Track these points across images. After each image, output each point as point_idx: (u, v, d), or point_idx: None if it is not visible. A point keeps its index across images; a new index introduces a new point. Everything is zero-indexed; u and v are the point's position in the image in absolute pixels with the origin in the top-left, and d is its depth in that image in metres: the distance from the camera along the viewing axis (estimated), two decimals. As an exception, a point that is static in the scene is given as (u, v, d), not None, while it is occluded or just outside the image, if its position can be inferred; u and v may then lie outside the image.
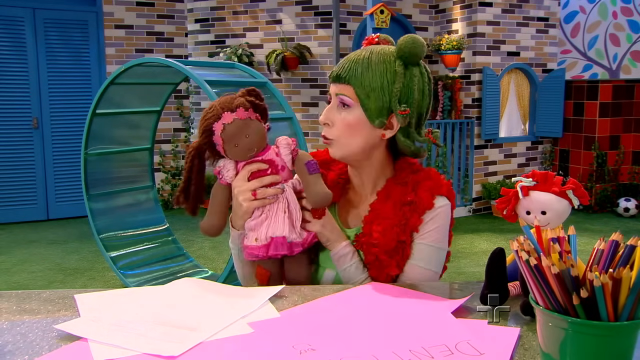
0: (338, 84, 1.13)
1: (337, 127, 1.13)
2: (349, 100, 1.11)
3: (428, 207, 1.11)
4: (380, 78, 1.11)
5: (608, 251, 0.65)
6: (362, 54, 1.13)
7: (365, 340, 0.80)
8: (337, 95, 1.13)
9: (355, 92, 1.11)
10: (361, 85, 1.10)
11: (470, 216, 5.87)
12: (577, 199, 0.89)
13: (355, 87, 1.11)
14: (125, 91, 3.77)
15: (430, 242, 1.12)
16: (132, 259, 3.84)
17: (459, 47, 5.69)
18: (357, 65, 1.11)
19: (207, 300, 0.96)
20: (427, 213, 1.12)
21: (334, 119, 1.13)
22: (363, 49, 1.15)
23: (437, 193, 1.13)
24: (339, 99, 1.12)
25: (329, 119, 1.14)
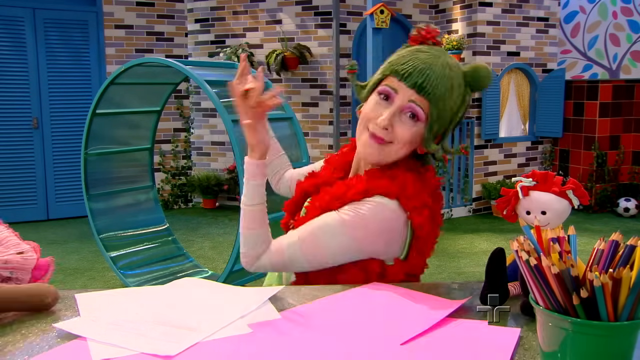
0: (416, 93, 1.05)
1: (396, 135, 1.07)
2: (421, 114, 1.06)
3: (354, 199, 1.07)
4: (454, 104, 1.08)
5: (608, 251, 0.65)
6: (444, 69, 1.06)
7: (366, 341, 0.80)
8: (410, 101, 1.06)
9: (430, 110, 1.06)
10: (438, 106, 1.06)
11: (470, 216, 5.87)
12: (577, 199, 0.89)
13: (433, 106, 1.06)
14: (125, 91, 3.77)
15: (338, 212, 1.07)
16: (132, 259, 3.84)
17: (459, 47, 5.69)
18: (441, 83, 1.05)
19: (206, 300, 0.96)
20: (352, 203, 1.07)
21: (394, 125, 1.07)
22: (439, 57, 1.08)
23: (377, 193, 1.06)
24: (410, 107, 1.06)
25: (392, 126, 1.07)
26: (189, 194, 6.27)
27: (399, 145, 1.08)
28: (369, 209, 1.05)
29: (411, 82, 1.05)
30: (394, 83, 1.07)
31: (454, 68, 1.08)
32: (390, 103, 1.08)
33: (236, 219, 5.24)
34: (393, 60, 1.11)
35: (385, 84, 1.09)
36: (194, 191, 6.17)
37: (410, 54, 1.09)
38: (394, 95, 1.07)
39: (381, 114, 1.07)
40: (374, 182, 1.08)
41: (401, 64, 1.07)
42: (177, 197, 6.23)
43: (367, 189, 1.07)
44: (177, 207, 6.24)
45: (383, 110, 1.08)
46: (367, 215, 1.05)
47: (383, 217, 1.06)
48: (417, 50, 1.09)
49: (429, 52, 1.08)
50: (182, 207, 6.27)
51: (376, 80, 1.12)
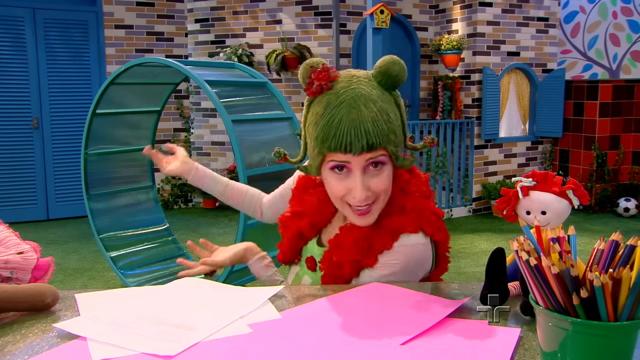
0: (367, 153, 0.99)
1: (375, 191, 1.03)
2: (383, 158, 1.02)
3: (385, 248, 1.05)
4: (397, 120, 1.03)
5: (608, 251, 0.65)
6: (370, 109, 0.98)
7: (366, 341, 0.80)
8: (367, 161, 1.01)
9: (388, 150, 1.02)
10: (391, 140, 1.02)
11: (470, 216, 5.87)
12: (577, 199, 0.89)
13: (388, 145, 1.02)
14: (125, 91, 3.77)
15: (376, 271, 1.05)
16: (132, 259, 3.84)
17: (459, 47, 5.69)
18: (380, 123, 0.99)
19: (206, 300, 0.96)
20: (384, 253, 1.05)
21: (373, 186, 1.03)
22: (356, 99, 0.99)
23: (402, 232, 1.04)
24: (369, 163, 1.01)
25: (370, 188, 1.02)
26: (189, 194, 6.27)
27: (382, 198, 1.05)
28: (404, 259, 1.05)
29: (358, 149, 0.98)
30: (340, 157, 1.01)
31: (372, 93, 1.00)
32: (348, 171, 1.02)
33: (236, 219, 5.25)
34: (320, 135, 1.01)
35: (331, 159, 1.02)
36: (194, 191, 6.18)
37: (329, 118, 0.99)
38: (349, 165, 1.02)
39: (349, 187, 1.02)
40: (390, 221, 1.06)
41: (330, 137, 0.99)
42: (177, 197, 6.23)
43: (391, 232, 1.05)
44: (177, 207, 6.24)
45: (347, 181, 1.03)
46: (405, 266, 1.05)
47: (418, 257, 1.07)
48: (331, 110, 0.99)
49: (341, 100, 0.99)
50: (182, 207, 6.27)
51: (319, 160, 1.05)
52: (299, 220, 1.19)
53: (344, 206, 1.06)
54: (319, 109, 1.02)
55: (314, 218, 1.18)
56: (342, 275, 1.08)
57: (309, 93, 1.04)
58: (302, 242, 1.21)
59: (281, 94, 3.43)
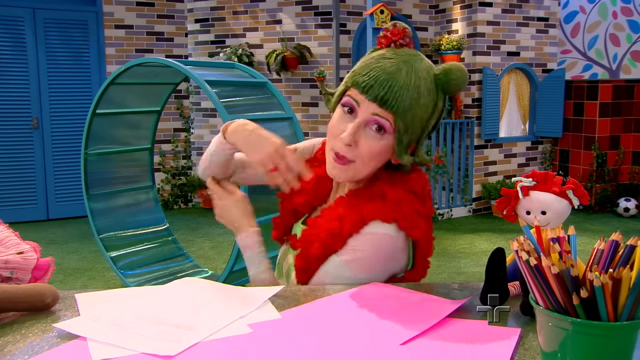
0: (378, 106, 1.00)
1: (361, 150, 1.02)
2: (388, 126, 1.01)
3: (354, 231, 1.03)
4: (424, 113, 1.02)
5: (608, 251, 0.65)
6: (409, 78, 0.99)
7: (366, 341, 0.80)
8: (373, 115, 1.00)
9: (396, 122, 1.00)
10: (405, 118, 1.00)
11: (470, 216, 5.87)
12: (577, 199, 0.89)
13: (399, 118, 1.00)
14: (125, 91, 3.77)
15: (339, 257, 1.04)
16: (132, 259, 3.84)
17: (459, 47, 5.69)
18: (406, 94, 0.99)
19: (206, 300, 0.96)
20: (353, 237, 1.03)
21: (359, 140, 1.02)
22: (406, 62, 1.01)
23: (372, 219, 1.02)
24: (374, 120, 1.01)
25: (356, 142, 1.02)
26: (189, 194, 6.27)
27: (362, 162, 1.03)
28: (371, 248, 1.03)
29: (372, 96, 0.99)
30: (356, 95, 1.02)
31: (422, 74, 1.01)
32: (354, 116, 1.02)
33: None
34: (357, 69, 1.04)
35: (348, 95, 1.04)
36: (194, 191, 6.18)
37: (374, 61, 1.02)
38: (357, 108, 1.02)
39: (345, 129, 1.02)
40: (365, 206, 1.04)
41: (362, 74, 1.01)
42: (177, 197, 6.23)
43: (361, 216, 1.03)
44: (177, 207, 6.24)
45: (347, 124, 1.03)
46: (371, 255, 1.03)
47: (386, 249, 1.03)
48: (382, 57, 1.02)
49: (396, 58, 1.01)
50: (182, 207, 6.27)
51: (341, 92, 1.06)
52: (297, 197, 1.18)
53: (329, 150, 1.07)
54: (376, 53, 1.05)
55: (310, 195, 1.17)
56: (311, 255, 1.07)
57: (378, 43, 1.07)
58: (294, 219, 1.20)
59: (281, 94, 3.44)
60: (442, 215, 5.69)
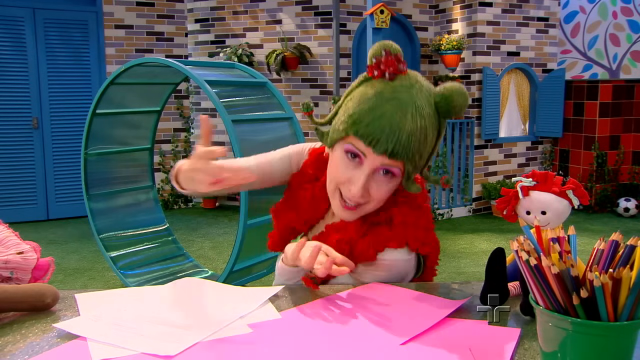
0: (387, 158, 0.96)
1: (373, 196, 1.01)
2: (397, 172, 0.99)
3: (367, 259, 1.03)
4: (430, 147, 1.01)
5: (608, 251, 0.65)
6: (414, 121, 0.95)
7: (366, 341, 0.80)
8: (383, 164, 0.98)
9: (405, 167, 0.99)
10: (414, 160, 0.99)
11: (470, 216, 5.87)
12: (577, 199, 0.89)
13: (408, 163, 0.98)
14: (125, 91, 3.77)
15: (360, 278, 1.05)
16: (132, 259, 3.84)
17: (459, 47, 5.69)
18: (414, 140, 0.96)
19: (206, 300, 0.96)
20: (365, 263, 1.04)
21: (369, 188, 1.00)
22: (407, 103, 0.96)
23: (386, 246, 1.02)
24: (382, 167, 0.98)
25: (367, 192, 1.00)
26: (189, 194, 6.26)
27: (375, 203, 1.03)
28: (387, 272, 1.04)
29: (381, 150, 0.95)
30: (361, 147, 0.97)
31: (425, 111, 0.97)
32: (359, 163, 0.99)
33: (236, 219, 5.25)
34: (355, 115, 0.97)
35: (349, 142, 0.99)
36: (194, 191, 6.17)
37: (373, 105, 0.96)
38: (362, 157, 0.99)
39: (351, 179, 1.00)
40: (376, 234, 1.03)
41: (365, 124, 0.95)
42: (177, 197, 6.23)
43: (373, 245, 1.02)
44: (177, 207, 6.24)
45: (352, 171, 1.00)
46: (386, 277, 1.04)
47: (400, 271, 1.04)
48: (379, 100, 0.96)
49: (395, 99, 0.96)
50: (182, 207, 6.27)
51: (339, 136, 1.01)
52: (292, 213, 1.17)
53: (335, 193, 1.04)
54: (370, 91, 0.98)
55: (307, 214, 1.16)
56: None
57: (370, 73, 1.00)
58: (292, 235, 1.20)
59: (281, 94, 3.43)
60: (442, 215, 5.69)
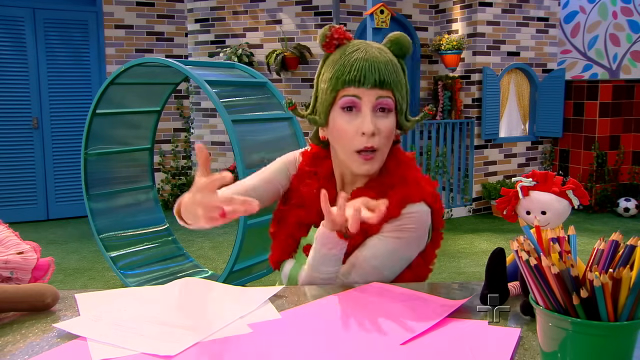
0: (378, 89, 1.06)
1: (382, 136, 1.08)
2: (391, 104, 1.09)
3: (393, 216, 1.08)
4: (403, 78, 1.12)
5: (608, 251, 0.65)
6: (382, 55, 1.08)
7: (366, 341, 0.80)
8: (378, 98, 1.07)
9: (395, 97, 1.09)
10: (399, 89, 1.10)
11: (470, 216, 5.87)
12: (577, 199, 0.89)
13: (396, 91, 1.09)
14: (125, 91, 3.77)
15: (386, 236, 1.09)
16: (132, 259, 3.84)
17: (459, 47, 5.69)
18: (391, 68, 1.08)
19: (206, 300, 0.96)
20: (391, 221, 1.09)
21: (379, 127, 1.07)
22: (371, 46, 1.10)
23: (409, 202, 1.09)
24: (378, 103, 1.07)
25: (377, 127, 1.07)
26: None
27: (384, 145, 1.10)
28: (416, 224, 1.10)
29: (370, 82, 1.06)
30: (354, 91, 1.07)
31: (384, 50, 1.11)
32: (357, 111, 1.07)
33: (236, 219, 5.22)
34: (335, 72, 1.09)
35: (343, 95, 1.08)
36: (194, 191, 6.17)
37: (347, 58, 1.08)
38: (358, 102, 1.07)
39: (358, 125, 1.07)
40: (394, 193, 1.10)
41: (348, 72, 1.06)
42: (177, 197, 6.20)
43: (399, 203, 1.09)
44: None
45: (356, 120, 1.07)
46: (417, 229, 1.10)
47: (425, 224, 1.12)
48: (347, 53, 1.09)
49: (359, 47, 1.09)
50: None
51: (330, 100, 1.10)
52: (299, 211, 1.19)
53: (351, 154, 1.09)
54: (335, 57, 1.11)
55: (317, 205, 1.14)
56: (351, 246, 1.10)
57: (326, 48, 1.12)
58: (302, 232, 1.19)
59: (281, 94, 3.43)
60: (442, 215, 5.68)
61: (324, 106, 1.11)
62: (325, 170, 1.20)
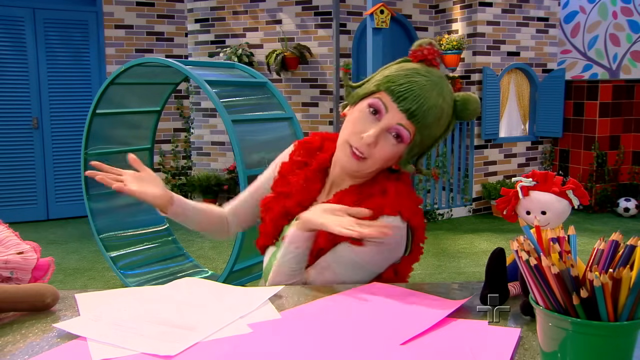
0: (405, 117, 1.05)
1: (376, 152, 1.08)
2: (407, 137, 1.07)
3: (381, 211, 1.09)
4: (438, 132, 1.10)
5: (608, 251, 0.65)
6: (438, 99, 1.06)
7: (366, 341, 0.80)
8: (398, 124, 1.06)
9: (414, 135, 1.07)
10: (423, 134, 1.08)
11: (470, 216, 5.87)
12: (577, 199, 0.89)
13: (419, 132, 1.07)
14: (125, 91, 3.77)
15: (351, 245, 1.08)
16: (132, 259, 3.84)
17: (459, 47, 5.69)
18: (432, 113, 1.05)
19: (206, 300, 0.96)
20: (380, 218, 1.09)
21: (378, 143, 1.07)
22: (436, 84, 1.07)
23: (383, 213, 1.07)
24: (396, 129, 1.06)
25: (376, 144, 1.07)
26: (189, 194, 6.26)
27: (373, 162, 1.09)
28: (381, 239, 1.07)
29: (404, 107, 1.05)
30: (387, 101, 1.06)
31: (447, 98, 1.08)
32: (377, 118, 1.07)
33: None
34: (391, 76, 1.08)
35: (377, 97, 1.08)
36: (194, 191, 6.17)
37: (409, 74, 1.07)
38: (383, 112, 1.07)
39: (367, 129, 1.07)
40: (371, 201, 1.10)
41: (398, 83, 1.06)
42: (177, 197, 6.22)
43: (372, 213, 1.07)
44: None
45: (369, 125, 1.07)
46: (382, 246, 1.09)
47: (395, 238, 1.09)
48: (416, 72, 1.07)
49: (429, 77, 1.07)
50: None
51: (369, 91, 1.10)
52: (285, 200, 1.21)
53: (345, 146, 1.10)
54: (408, 65, 1.11)
55: (301, 196, 1.20)
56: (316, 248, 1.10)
57: (411, 56, 1.12)
58: (285, 221, 1.21)
59: (281, 94, 3.43)
60: (442, 215, 5.69)
61: (363, 92, 1.11)
62: (316, 163, 1.22)
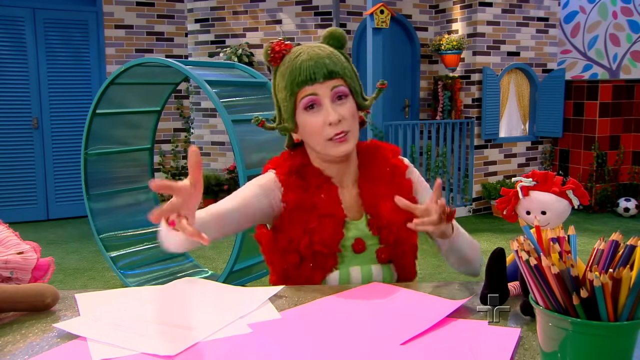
0: (329, 80, 1.14)
1: (348, 119, 1.15)
2: (345, 90, 1.17)
3: (404, 168, 1.25)
4: (349, 64, 1.21)
5: (608, 251, 0.65)
6: (323, 50, 1.18)
7: (366, 341, 0.80)
8: (333, 89, 1.14)
9: (346, 83, 1.17)
10: (348, 75, 1.18)
11: (470, 216, 5.87)
12: (577, 199, 0.89)
13: (347, 78, 1.17)
14: (125, 91, 3.77)
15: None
16: (132, 259, 3.84)
17: (459, 47, 5.69)
18: (334, 58, 1.17)
19: (206, 300, 0.96)
20: (407, 172, 1.25)
21: (342, 113, 1.14)
22: (311, 47, 1.19)
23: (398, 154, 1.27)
24: (335, 92, 1.15)
25: (340, 114, 1.14)
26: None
27: (352, 124, 1.16)
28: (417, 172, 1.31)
29: (321, 76, 1.14)
30: (309, 90, 1.14)
31: (323, 46, 1.21)
32: (319, 106, 1.15)
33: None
34: (289, 79, 1.16)
35: (302, 97, 1.15)
36: (194, 191, 6.17)
37: (294, 64, 1.16)
38: (317, 98, 1.14)
39: (324, 118, 1.13)
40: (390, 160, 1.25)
41: (299, 74, 1.15)
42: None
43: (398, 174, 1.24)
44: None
45: (319, 114, 1.14)
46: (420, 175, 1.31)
47: None
48: (294, 59, 1.17)
49: (301, 51, 1.18)
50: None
51: (292, 105, 1.17)
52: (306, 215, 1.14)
53: (325, 143, 1.15)
54: (283, 67, 1.19)
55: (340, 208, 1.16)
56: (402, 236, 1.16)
57: (273, 62, 1.22)
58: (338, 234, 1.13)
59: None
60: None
61: (288, 113, 1.18)
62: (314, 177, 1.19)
